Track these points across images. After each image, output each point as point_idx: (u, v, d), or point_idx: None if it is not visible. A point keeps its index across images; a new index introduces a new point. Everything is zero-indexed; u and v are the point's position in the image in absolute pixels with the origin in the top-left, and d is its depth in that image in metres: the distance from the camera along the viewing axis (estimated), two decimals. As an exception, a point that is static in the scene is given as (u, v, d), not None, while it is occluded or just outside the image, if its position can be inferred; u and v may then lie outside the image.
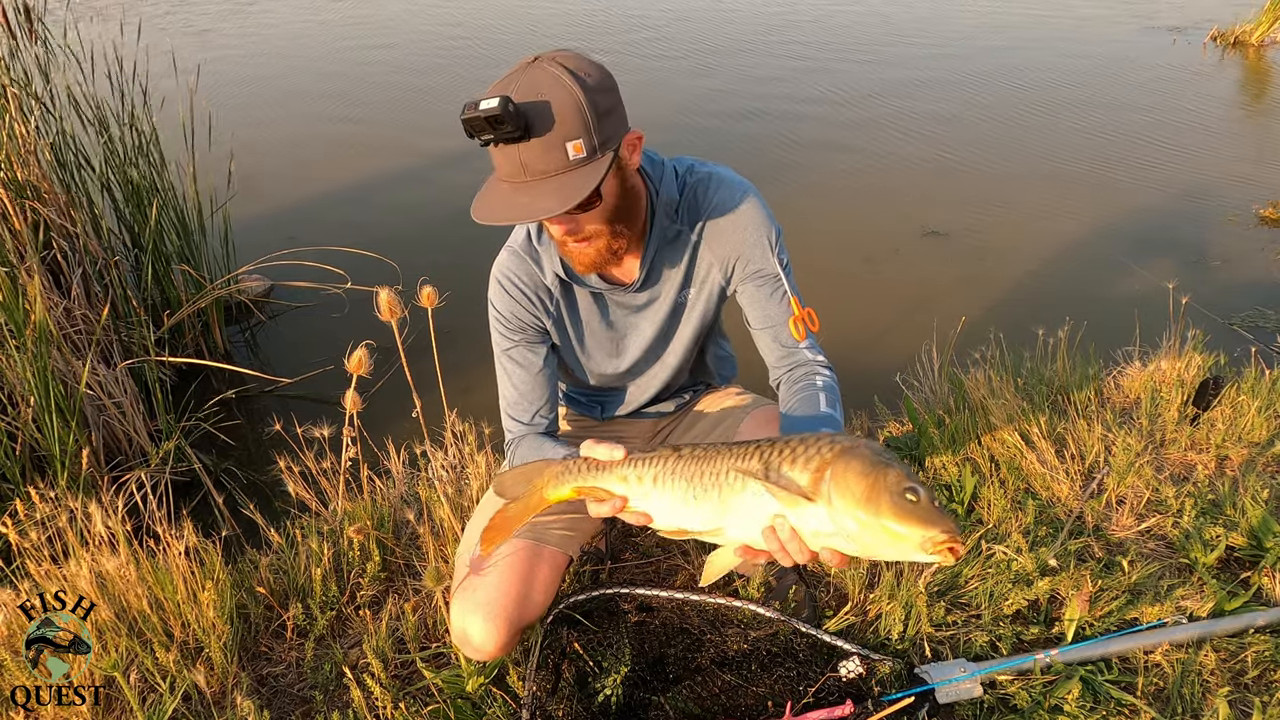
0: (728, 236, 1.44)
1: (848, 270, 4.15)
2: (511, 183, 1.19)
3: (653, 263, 1.44)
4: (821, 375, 1.41)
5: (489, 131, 1.13)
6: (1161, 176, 5.08)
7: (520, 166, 1.17)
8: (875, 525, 1.00)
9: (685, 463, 1.14)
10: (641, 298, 1.50)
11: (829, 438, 1.07)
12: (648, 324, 1.53)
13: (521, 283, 1.46)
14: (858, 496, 1.01)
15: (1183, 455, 2.30)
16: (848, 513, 1.01)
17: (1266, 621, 1.72)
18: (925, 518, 0.99)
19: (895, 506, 0.99)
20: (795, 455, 1.06)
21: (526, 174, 1.17)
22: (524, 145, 1.15)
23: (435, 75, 7.18)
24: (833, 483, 1.03)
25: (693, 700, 1.53)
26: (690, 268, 1.48)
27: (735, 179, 1.45)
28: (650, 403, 1.70)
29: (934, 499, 1.02)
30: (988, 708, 1.58)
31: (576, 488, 1.22)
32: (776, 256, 1.44)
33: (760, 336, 1.49)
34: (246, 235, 3.93)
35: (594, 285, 1.46)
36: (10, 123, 3.05)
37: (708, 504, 1.11)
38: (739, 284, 1.48)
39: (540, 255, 1.45)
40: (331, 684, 1.71)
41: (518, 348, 1.49)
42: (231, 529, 1.96)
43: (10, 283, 2.56)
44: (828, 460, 1.04)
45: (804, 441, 1.08)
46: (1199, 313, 3.36)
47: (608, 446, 1.18)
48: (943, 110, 6.13)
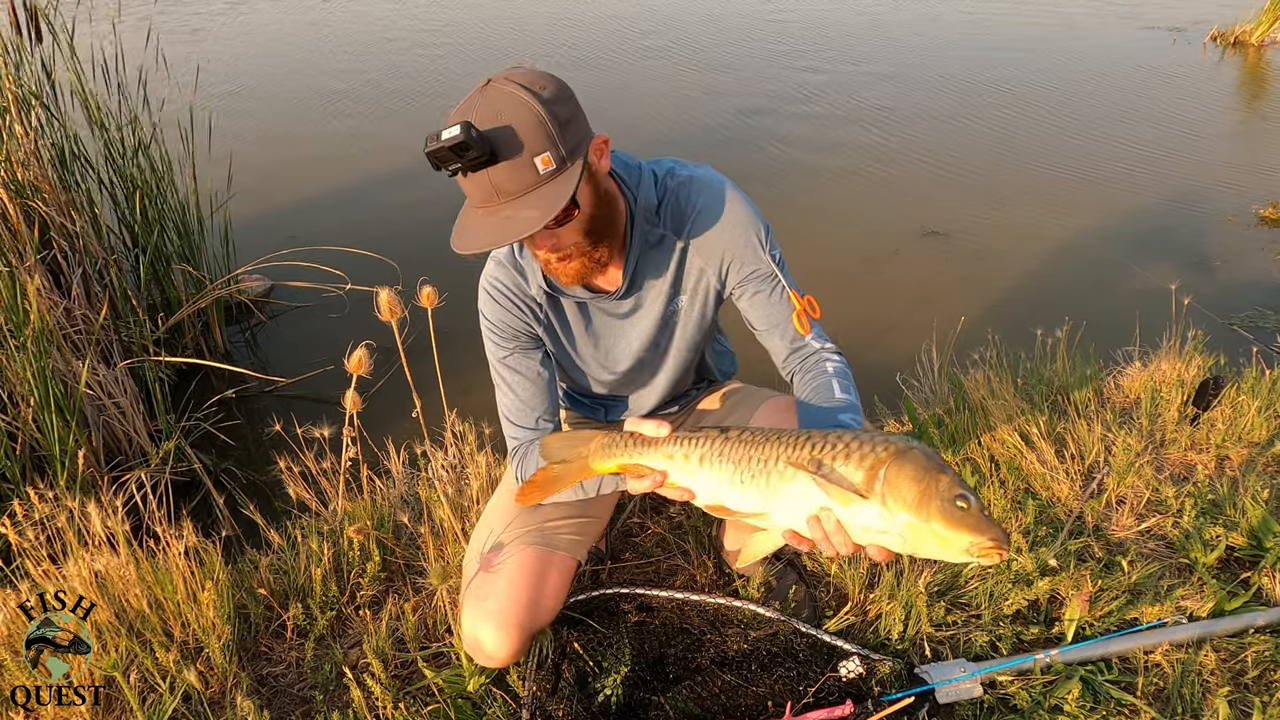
0: (716, 240, 1.42)
1: (847, 270, 4.15)
2: (486, 208, 1.18)
3: (635, 269, 1.43)
4: (832, 361, 1.41)
5: (455, 160, 1.12)
6: (1161, 176, 5.08)
7: (492, 191, 1.16)
8: (925, 529, 1.04)
9: (733, 445, 1.16)
10: (626, 305, 1.48)
11: (884, 439, 1.10)
12: (635, 333, 1.52)
13: (510, 291, 1.45)
14: (910, 499, 1.04)
15: (1183, 455, 2.30)
16: (900, 513, 1.05)
17: (1266, 621, 1.72)
18: (974, 525, 1.02)
19: (945, 513, 1.03)
20: (850, 452, 1.08)
21: (500, 197, 1.17)
22: (493, 169, 1.14)
23: (436, 75, 7.18)
24: (886, 483, 1.05)
25: (693, 700, 1.53)
26: (679, 275, 1.46)
27: (716, 179, 1.43)
28: (654, 410, 1.70)
29: (984, 508, 1.05)
30: (988, 708, 1.58)
31: (622, 463, 1.24)
32: (768, 253, 1.42)
33: (766, 337, 1.49)
34: (246, 235, 3.93)
35: (578, 295, 1.45)
36: (10, 122, 3.05)
37: (755, 488, 1.13)
38: (735, 287, 1.46)
39: (524, 267, 1.45)
40: (331, 684, 1.71)
41: (513, 355, 1.48)
42: (231, 529, 1.96)
43: (10, 283, 2.56)
44: (883, 460, 1.07)
45: (859, 439, 1.10)
46: (1199, 313, 3.36)
47: (654, 423, 1.20)
48: (942, 110, 6.13)
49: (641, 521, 2.10)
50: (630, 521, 2.10)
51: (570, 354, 1.54)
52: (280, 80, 7.09)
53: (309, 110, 6.40)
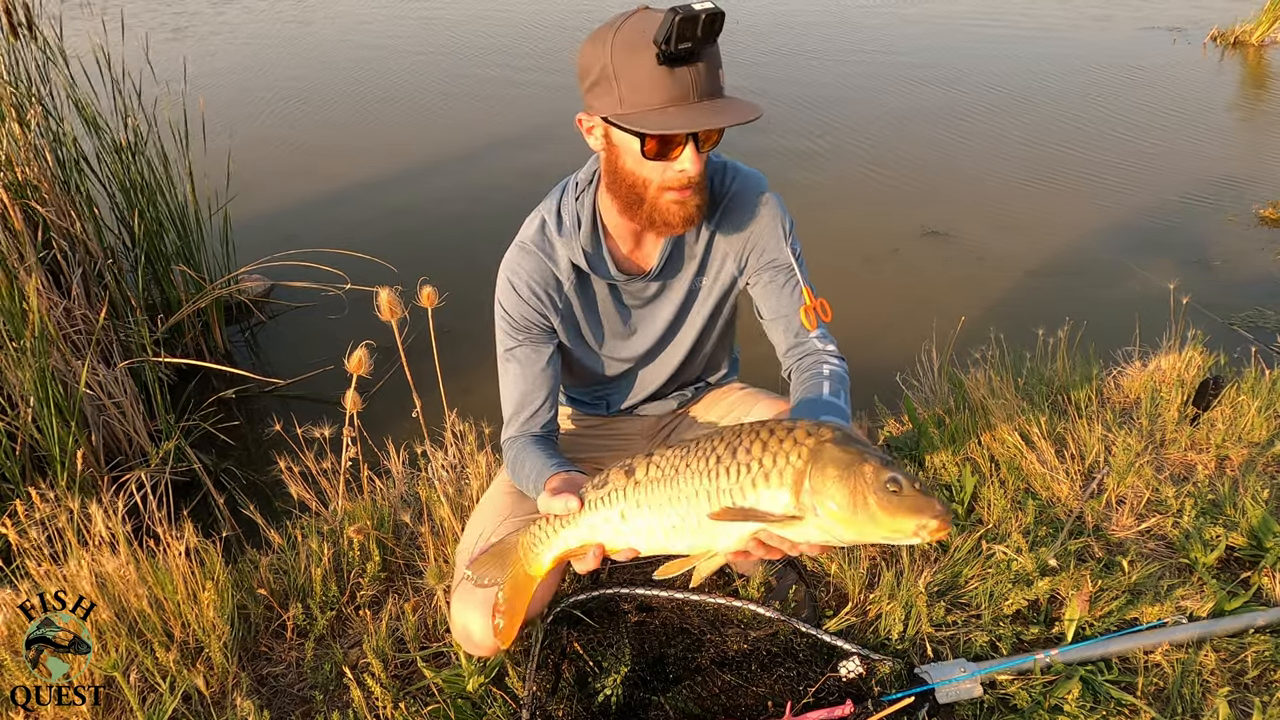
0: (744, 226, 1.46)
1: (848, 270, 4.15)
2: (680, 105, 1.21)
3: (672, 250, 1.46)
4: (829, 364, 1.43)
5: (699, 34, 1.15)
6: (1161, 176, 5.08)
7: (691, 87, 1.19)
8: (868, 526, 1.01)
9: (645, 490, 1.12)
10: (653, 287, 1.51)
11: (790, 436, 1.06)
12: (659, 314, 1.55)
13: (531, 279, 1.46)
14: (842, 502, 1.01)
15: (1183, 455, 2.30)
16: (836, 521, 1.02)
17: (1266, 621, 1.72)
18: (913, 506, 1.00)
19: (881, 502, 1.00)
20: (766, 471, 1.04)
21: (697, 94, 1.20)
22: (695, 68, 1.19)
23: (436, 75, 7.18)
24: (813, 494, 1.02)
25: (693, 700, 1.53)
26: (706, 255, 1.50)
27: (749, 170, 1.48)
28: (656, 394, 1.70)
29: (915, 480, 1.02)
30: (988, 708, 1.58)
31: (554, 556, 1.21)
32: (790, 246, 1.46)
33: (772, 327, 1.51)
34: (246, 235, 3.93)
35: (611, 276, 1.46)
36: (10, 123, 3.05)
37: (688, 534, 1.10)
38: (752, 274, 1.50)
39: (555, 247, 1.46)
40: (331, 684, 1.71)
41: (521, 347, 1.49)
42: (231, 529, 1.96)
43: (10, 283, 2.56)
44: (801, 470, 1.03)
45: (766, 449, 1.05)
46: (1199, 313, 3.36)
47: (563, 499, 1.19)
48: (943, 110, 6.13)
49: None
50: (630, 521, 2.09)
51: (589, 337, 1.55)
52: (281, 80, 7.08)
53: (309, 110, 6.40)
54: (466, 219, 4.57)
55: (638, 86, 1.20)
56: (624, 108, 1.22)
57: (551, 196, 1.49)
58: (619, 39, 1.22)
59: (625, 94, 1.22)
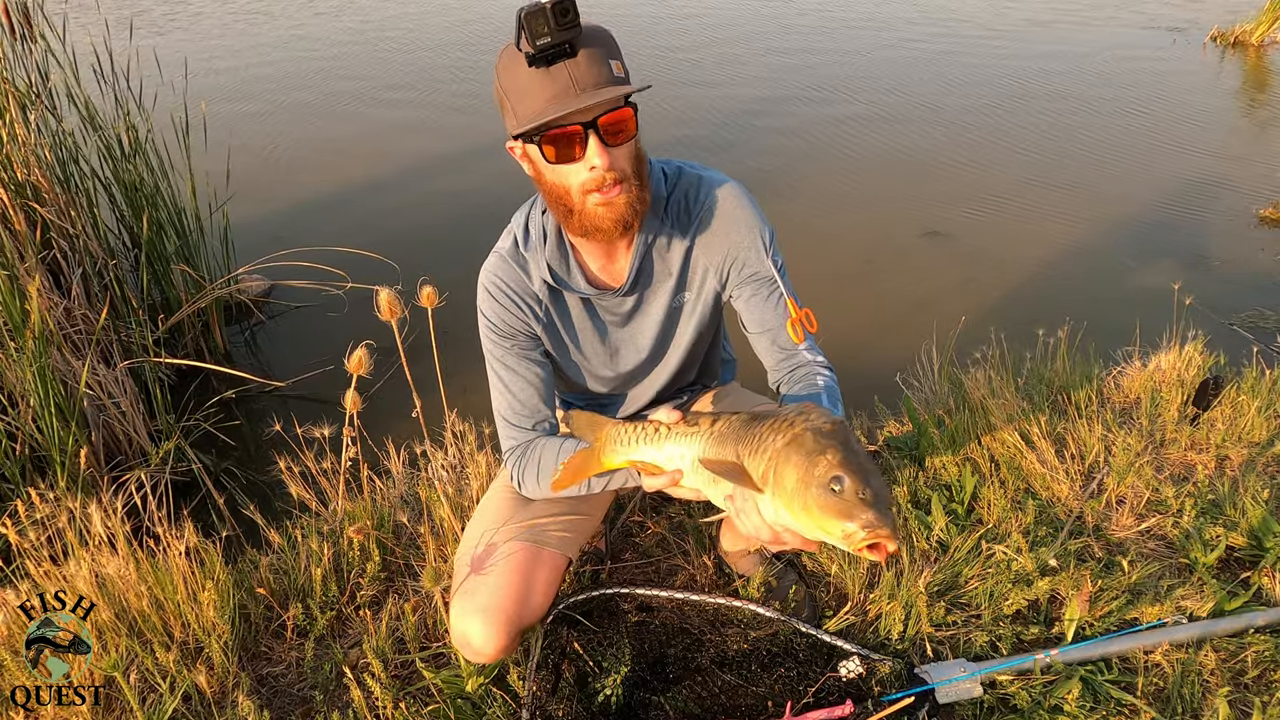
0: (720, 239, 1.43)
1: (848, 270, 4.15)
2: (562, 99, 1.19)
3: (641, 264, 1.43)
4: (822, 375, 1.40)
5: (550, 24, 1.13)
6: (1161, 176, 5.08)
7: (570, 81, 1.17)
8: (802, 515, 1.00)
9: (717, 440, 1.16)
10: (629, 302, 1.48)
11: (789, 423, 1.07)
12: (641, 332, 1.52)
13: (509, 288, 1.44)
14: (790, 488, 1.00)
15: (1183, 455, 2.30)
16: (783, 504, 1.02)
17: (1266, 621, 1.72)
18: (843, 510, 0.96)
19: (818, 498, 0.98)
20: (761, 441, 1.07)
21: (579, 87, 1.18)
22: (574, 62, 1.17)
23: (436, 76, 7.17)
24: (775, 474, 1.03)
25: (693, 700, 1.53)
26: (684, 272, 1.46)
27: (725, 180, 1.44)
28: (651, 404, 1.70)
29: (866, 485, 0.97)
30: (988, 708, 1.58)
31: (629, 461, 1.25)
32: (771, 258, 1.42)
33: (758, 341, 1.48)
34: (246, 235, 3.93)
35: (583, 290, 1.44)
36: (10, 122, 3.05)
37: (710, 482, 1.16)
38: (734, 288, 1.46)
39: (527, 262, 1.44)
40: (331, 684, 1.71)
41: (511, 354, 1.47)
42: (231, 529, 1.96)
43: (10, 283, 2.56)
44: (778, 450, 1.04)
45: (773, 427, 1.07)
46: (1199, 313, 3.35)
47: (666, 408, 1.23)
48: (943, 110, 6.13)
49: (641, 521, 2.10)
50: (630, 521, 2.10)
51: (571, 352, 1.54)
52: (280, 80, 7.08)
53: (309, 111, 6.40)
54: (467, 219, 4.56)
55: (523, 96, 1.20)
56: (519, 121, 1.22)
57: (521, 210, 1.47)
58: (501, 60, 1.23)
59: (517, 107, 1.21)
